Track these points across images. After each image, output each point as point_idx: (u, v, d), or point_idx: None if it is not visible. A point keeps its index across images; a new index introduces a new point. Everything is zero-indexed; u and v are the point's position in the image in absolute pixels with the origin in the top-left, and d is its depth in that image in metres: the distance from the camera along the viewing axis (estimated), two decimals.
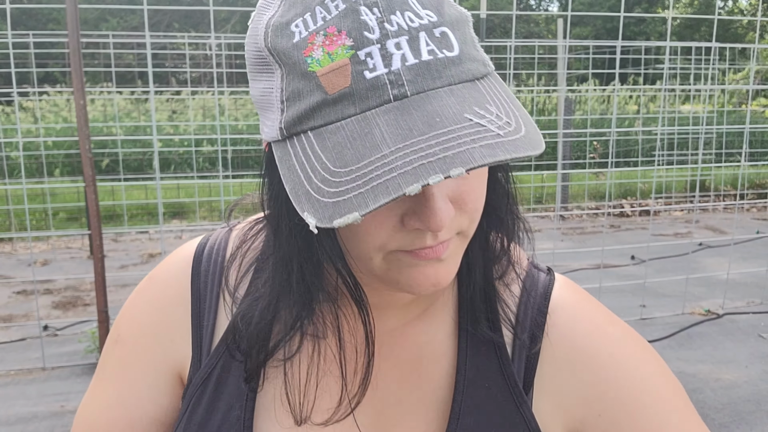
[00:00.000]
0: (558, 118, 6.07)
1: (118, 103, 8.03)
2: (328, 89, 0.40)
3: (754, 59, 4.44)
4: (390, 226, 0.44)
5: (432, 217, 0.41)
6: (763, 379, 2.81)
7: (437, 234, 0.44)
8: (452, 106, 0.39)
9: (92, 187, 2.74)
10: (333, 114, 0.40)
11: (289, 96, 0.42)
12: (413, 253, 0.45)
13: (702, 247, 5.20)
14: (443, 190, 0.43)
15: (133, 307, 0.60)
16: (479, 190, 0.46)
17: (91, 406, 0.60)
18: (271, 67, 0.43)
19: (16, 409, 2.61)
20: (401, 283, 0.47)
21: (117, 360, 0.59)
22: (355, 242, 0.45)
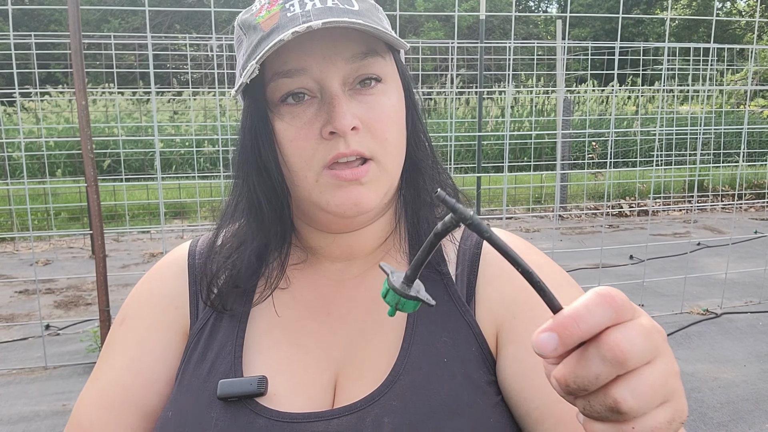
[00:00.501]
0: (557, 118, 6.09)
1: (120, 103, 8.04)
2: (264, 28, 0.58)
3: (752, 60, 4.46)
4: (313, 138, 0.58)
5: (337, 117, 0.56)
6: (761, 378, 2.83)
7: (347, 140, 0.57)
8: (338, 21, 0.55)
9: (94, 187, 2.76)
10: (266, 42, 0.57)
11: (245, 49, 0.60)
12: (336, 174, 0.58)
13: (700, 247, 5.21)
14: (350, 106, 0.57)
15: (137, 292, 0.69)
16: (386, 122, 0.59)
17: (101, 380, 0.64)
18: (242, 39, 0.62)
19: (18, 408, 2.63)
20: (330, 205, 0.59)
21: (127, 333, 0.66)
22: (290, 156, 0.59)
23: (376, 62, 0.60)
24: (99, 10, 14.73)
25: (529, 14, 10.11)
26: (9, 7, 3.03)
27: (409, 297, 0.39)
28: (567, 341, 0.33)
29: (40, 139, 4.88)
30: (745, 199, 7.21)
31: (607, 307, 0.33)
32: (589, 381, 0.33)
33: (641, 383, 0.34)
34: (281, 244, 0.66)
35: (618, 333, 0.33)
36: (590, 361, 0.33)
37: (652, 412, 0.34)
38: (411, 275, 0.40)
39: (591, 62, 9.24)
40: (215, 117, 7.27)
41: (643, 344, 0.33)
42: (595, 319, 0.33)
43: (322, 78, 0.58)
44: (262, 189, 0.62)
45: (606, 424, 0.34)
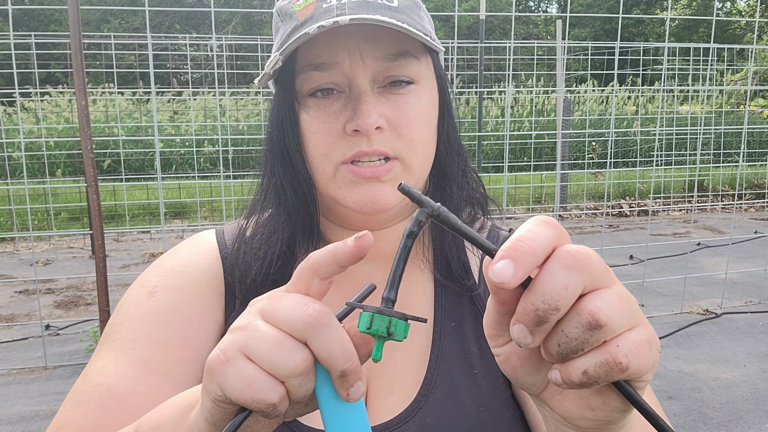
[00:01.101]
0: (557, 118, 6.09)
1: (120, 103, 8.04)
2: (299, 17, 0.58)
3: (752, 60, 4.46)
4: (335, 133, 0.58)
5: (362, 116, 0.55)
6: (761, 378, 2.82)
7: (371, 139, 0.56)
8: (367, 18, 0.53)
9: (94, 187, 2.76)
10: (299, 32, 0.56)
11: (280, 37, 0.60)
12: (355, 170, 0.57)
13: (700, 247, 5.21)
14: (377, 105, 0.57)
15: (165, 267, 0.65)
16: (414, 122, 0.58)
17: (136, 350, 0.58)
18: (279, 26, 0.62)
19: (18, 407, 2.63)
20: (347, 200, 0.59)
21: (162, 303, 0.61)
22: (310, 148, 0.59)
23: (409, 64, 0.58)
24: (99, 10, 14.73)
25: (529, 14, 10.13)
26: (9, 7, 3.03)
27: (399, 316, 0.35)
28: (521, 261, 0.32)
29: (40, 139, 4.88)
30: (745, 199, 7.21)
31: (549, 226, 0.34)
32: (557, 293, 0.32)
33: (609, 294, 0.33)
34: (310, 236, 0.64)
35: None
36: (554, 273, 0.33)
37: (630, 330, 0.33)
38: (391, 294, 0.35)
39: (591, 62, 9.24)
40: (215, 117, 7.27)
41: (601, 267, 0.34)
42: (541, 236, 0.33)
43: (351, 73, 0.57)
44: (287, 179, 0.62)
45: (590, 354, 0.33)
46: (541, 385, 0.39)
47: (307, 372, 0.35)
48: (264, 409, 0.35)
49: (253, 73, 8.54)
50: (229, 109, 7.47)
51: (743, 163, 7.10)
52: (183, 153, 7.84)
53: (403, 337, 0.35)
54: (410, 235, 0.36)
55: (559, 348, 0.33)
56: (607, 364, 0.33)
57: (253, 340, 0.35)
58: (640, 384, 0.35)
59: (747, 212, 7.03)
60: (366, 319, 0.35)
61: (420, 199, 0.35)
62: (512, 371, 0.40)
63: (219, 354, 0.36)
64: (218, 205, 6.18)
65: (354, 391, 0.36)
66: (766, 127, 9.01)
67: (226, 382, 0.35)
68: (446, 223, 0.35)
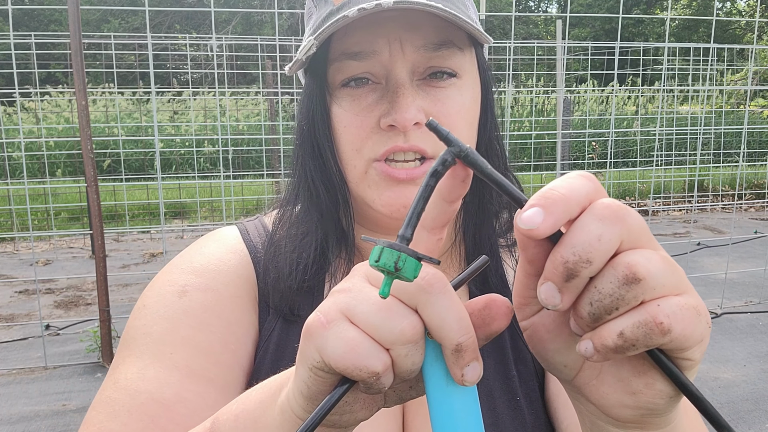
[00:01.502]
0: (557, 118, 6.09)
1: (120, 103, 8.05)
2: (335, 1, 0.53)
3: (752, 60, 4.46)
4: (368, 128, 0.53)
5: (399, 110, 0.51)
6: (761, 378, 2.82)
7: (408, 134, 0.52)
8: (413, 2, 0.49)
9: (94, 187, 2.76)
10: (334, 17, 0.51)
11: (313, 23, 0.56)
12: (388, 171, 0.53)
13: (700, 247, 5.21)
14: (416, 99, 0.52)
15: (193, 265, 0.59)
16: (454, 118, 0.54)
17: (175, 354, 0.53)
18: (312, 12, 0.58)
19: (18, 407, 2.63)
20: (376, 203, 0.55)
21: (196, 304, 0.56)
22: (341, 143, 0.55)
23: (452, 55, 0.53)
24: (99, 10, 14.72)
25: (529, 14, 10.13)
26: (9, 7, 3.03)
27: (410, 252, 0.31)
28: (552, 209, 0.29)
29: (40, 139, 4.88)
30: (745, 199, 7.21)
31: (585, 179, 0.31)
32: (589, 243, 0.29)
33: (651, 252, 0.30)
34: (344, 238, 0.60)
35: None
36: (587, 223, 0.29)
37: (673, 295, 0.30)
38: (406, 232, 0.32)
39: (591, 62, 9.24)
40: (215, 117, 7.27)
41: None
42: (575, 187, 0.30)
43: (390, 63, 0.52)
44: (319, 176, 0.58)
45: (628, 315, 0.29)
46: (574, 366, 0.35)
47: (416, 340, 0.31)
48: (367, 379, 0.31)
49: (253, 73, 8.55)
50: (229, 109, 7.47)
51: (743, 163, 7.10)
52: (183, 153, 7.84)
53: (412, 276, 0.31)
54: (434, 174, 0.32)
55: (591, 308, 0.30)
56: (646, 325, 0.29)
57: (356, 302, 0.32)
58: (685, 362, 0.31)
59: (747, 212, 7.03)
60: (376, 252, 0.31)
61: (447, 137, 0.32)
62: (541, 347, 0.35)
63: (319, 316, 0.33)
64: (218, 205, 6.18)
65: (469, 372, 0.32)
66: (766, 127, 9.01)
67: (326, 346, 0.31)
68: (474, 165, 0.32)
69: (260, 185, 6.85)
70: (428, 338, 0.33)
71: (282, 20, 12.30)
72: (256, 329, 0.59)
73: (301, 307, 0.59)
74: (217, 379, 0.54)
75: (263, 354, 0.58)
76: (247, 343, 0.58)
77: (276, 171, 5.68)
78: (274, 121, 5.50)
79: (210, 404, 0.52)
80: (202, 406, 0.52)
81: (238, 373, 0.56)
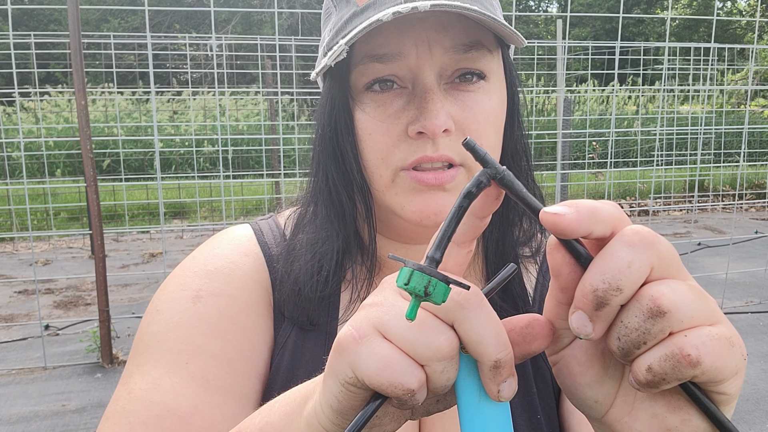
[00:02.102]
0: (557, 118, 6.09)
1: (119, 103, 8.04)
2: (359, 2, 0.51)
3: (752, 60, 4.45)
4: (395, 135, 0.51)
5: (429, 116, 0.49)
6: (761, 378, 2.82)
7: (437, 142, 0.50)
8: (449, 5, 0.47)
9: (93, 187, 2.75)
10: (360, 19, 0.50)
11: (334, 24, 0.54)
12: (417, 177, 0.51)
13: (701, 247, 5.21)
14: (445, 104, 0.50)
15: (207, 269, 0.58)
16: (483, 125, 0.52)
17: (191, 364, 0.52)
18: (330, 12, 0.55)
19: (17, 408, 2.62)
20: (405, 210, 0.52)
21: (211, 310, 0.55)
22: (366, 151, 0.53)
23: (482, 57, 0.52)
24: (99, 9, 14.72)
25: (529, 14, 10.13)
26: (9, 7, 3.02)
27: (440, 277, 0.30)
28: (580, 210, 0.29)
29: (40, 139, 4.88)
30: (746, 199, 7.21)
31: (610, 205, 0.30)
32: (619, 270, 0.28)
33: (678, 282, 0.29)
34: (364, 247, 0.58)
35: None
36: (616, 250, 0.29)
37: (704, 325, 0.29)
38: (436, 254, 0.31)
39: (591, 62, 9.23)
40: (215, 117, 7.26)
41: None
42: (600, 205, 0.30)
43: (417, 66, 0.50)
44: (341, 183, 0.55)
45: (655, 348, 0.28)
46: (606, 402, 0.33)
47: (452, 357, 0.31)
48: (401, 396, 0.30)
49: (253, 73, 8.54)
50: (229, 109, 7.47)
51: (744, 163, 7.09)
52: (183, 153, 7.83)
53: (441, 301, 0.30)
54: (467, 196, 0.32)
55: (619, 342, 0.29)
56: (673, 357, 0.28)
57: (390, 317, 0.31)
58: (720, 396, 0.29)
59: (747, 212, 7.03)
60: (405, 275, 0.30)
61: (485, 158, 0.32)
62: (571, 381, 0.34)
63: (351, 331, 0.32)
64: (218, 205, 6.17)
65: (506, 387, 0.31)
66: (766, 126, 9.00)
67: (359, 362, 0.31)
68: (509, 188, 0.32)
69: (260, 185, 6.85)
70: (461, 353, 0.32)
71: (282, 20, 12.29)
72: (272, 335, 0.58)
73: (318, 315, 0.57)
74: (233, 388, 0.53)
75: (278, 362, 0.57)
76: (263, 350, 0.57)
77: (276, 171, 5.68)
78: (273, 121, 5.50)
79: (227, 415, 0.51)
80: (219, 418, 0.51)
81: (254, 381, 0.55)
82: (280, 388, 0.54)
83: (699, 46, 6.09)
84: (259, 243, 0.60)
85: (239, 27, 15.00)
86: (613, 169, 7.10)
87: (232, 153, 7.29)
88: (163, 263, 3.32)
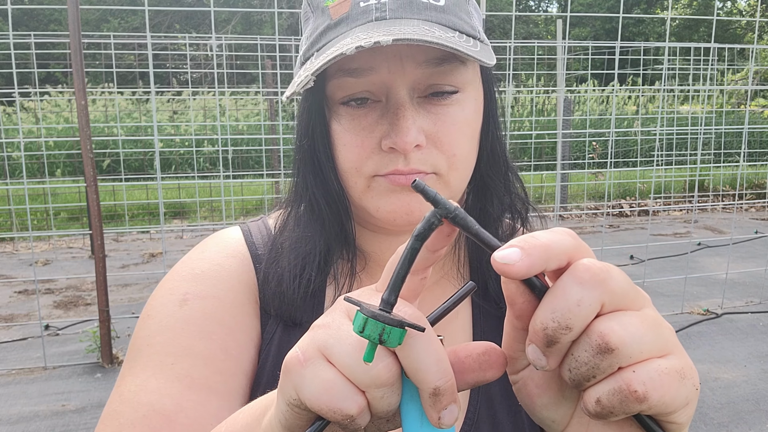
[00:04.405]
0: (557, 118, 6.09)
1: (119, 103, 8.04)
2: (333, 16, 0.52)
3: (752, 60, 4.45)
4: (369, 148, 0.53)
5: (399, 133, 0.50)
6: (761, 379, 2.82)
7: (408, 157, 0.52)
8: (417, 25, 0.49)
9: (93, 187, 2.75)
10: (332, 34, 0.52)
11: (310, 33, 0.55)
12: (390, 178, 0.52)
13: (701, 247, 5.21)
14: (416, 120, 0.51)
15: (194, 272, 0.59)
16: (456, 136, 0.53)
17: (176, 365, 0.54)
18: (308, 17, 0.57)
19: (17, 408, 2.62)
20: (380, 211, 0.54)
21: (197, 312, 0.56)
22: (341, 161, 0.54)
23: (454, 70, 0.52)
24: (99, 9, 14.72)
25: (529, 14, 10.12)
26: (9, 7, 3.02)
27: (395, 323, 0.30)
28: (530, 251, 0.29)
29: (40, 138, 4.88)
30: (746, 199, 7.21)
31: (566, 235, 0.31)
32: (568, 309, 0.29)
33: (630, 315, 0.30)
34: (345, 248, 0.60)
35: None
36: (566, 287, 0.29)
37: (654, 358, 0.29)
38: (390, 297, 0.31)
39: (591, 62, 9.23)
40: (215, 117, 7.26)
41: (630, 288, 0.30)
42: (555, 239, 0.30)
43: (389, 81, 0.51)
44: (320, 191, 0.57)
45: (604, 382, 0.29)
46: (562, 422, 0.35)
47: (392, 383, 0.31)
48: (341, 421, 0.31)
49: (253, 73, 8.54)
50: (229, 109, 7.47)
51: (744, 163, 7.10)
52: (183, 153, 7.83)
53: (396, 344, 0.31)
54: (418, 237, 0.32)
55: (570, 374, 0.30)
56: (620, 392, 0.29)
57: (334, 341, 0.32)
58: (671, 425, 0.30)
59: (747, 212, 7.03)
60: (360, 322, 0.30)
61: (435, 198, 0.32)
62: (529, 401, 0.36)
63: (297, 353, 0.32)
64: (218, 205, 6.17)
65: (447, 415, 0.31)
66: (766, 127, 9.00)
67: (302, 385, 0.31)
68: (463, 226, 0.32)
69: (260, 185, 6.85)
70: (406, 377, 0.32)
71: (282, 20, 12.29)
72: (259, 333, 0.59)
73: (303, 312, 0.59)
74: (218, 387, 0.54)
75: (264, 359, 0.58)
76: (250, 348, 0.58)
77: (276, 171, 5.68)
78: (273, 120, 5.50)
79: (212, 412, 0.52)
80: (203, 415, 0.52)
81: (240, 378, 0.56)
82: (266, 383, 0.56)
83: (699, 46, 6.09)
84: (246, 244, 0.62)
85: (239, 27, 15.00)
86: (613, 169, 7.11)
87: (232, 153, 7.29)
88: (163, 263, 3.32)
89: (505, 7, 17.64)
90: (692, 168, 7.07)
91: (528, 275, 0.30)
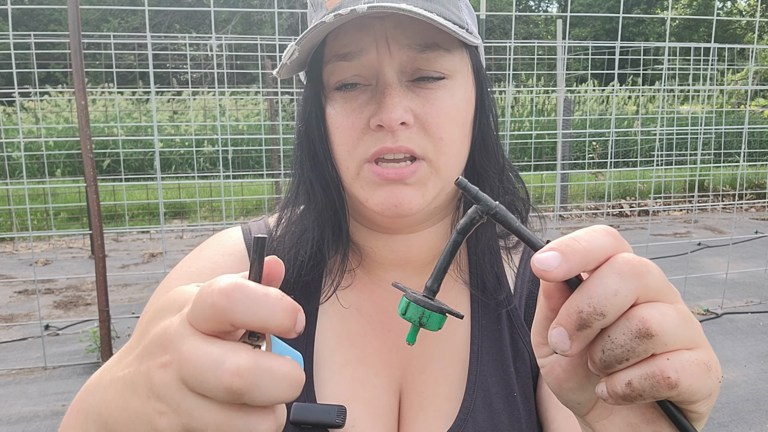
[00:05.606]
0: (557, 118, 6.09)
1: (120, 103, 8.04)
2: (328, 6, 0.55)
3: (752, 60, 4.45)
4: (359, 129, 0.54)
5: (385, 110, 0.52)
6: (761, 379, 2.82)
7: (396, 134, 0.52)
8: (400, 3, 0.49)
9: (93, 187, 2.75)
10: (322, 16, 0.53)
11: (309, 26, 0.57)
12: (379, 171, 0.53)
13: (701, 247, 5.21)
14: (403, 100, 0.52)
15: (190, 272, 0.61)
16: (443, 119, 0.54)
17: None
18: (312, 16, 0.59)
19: (17, 408, 2.62)
20: (369, 202, 0.55)
21: None
22: (334, 144, 0.56)
23: (439, 57, 0.53)
24: (99, 9, 14.72)
25: (529, 14, 10.13)
26: (9, 7, 3.02)
27: (434, 308, 0.33)
28: (569, 256, 0.30)
29: (40, 138, 4.87)
30: (746, 199, 7.20)
31: (608, 235, 0.32)
32: (605, 297, 0.30)
33: (667, 306, 0.31)
34: (338, 237, 0.61)
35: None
36: (605, 276, 0.30)
37: (684, 349, 0.31)
38: (433, 285, 0.34)
39: (591, 62, 9.24)
40: (215, 117, 7.26)
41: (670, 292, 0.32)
42: (596, 240, 0.31)
43: (378, 62, 0.53)
44: (315, 176, 0.59)
45: (637, 366, 0.30)
46: (587, 405, 0.37)
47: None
48: None
49: (253, 73, 8.54)
50: (229, 109, 7.47)
51: (744, 163, 7.10)
52: (183, 153, 7.83)
53: (437, 329, 0.34)
54: (461, 231, 0.34)
55: (603, 354, 0.31)
56: (653, 377, 0.30)
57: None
58: (692, 414, 0.32)
59: (747, 212, 7.03)
60: (403, 305, 0.34)
61: (477, 195, 0.33)
62: (556, 385, 0.37)
63: None
64: (218, 205, 6.17)
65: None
66: (766, 126, 9.00)
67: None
68: (503, 223, 0.33)
69: (260, 185, 6.85)
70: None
71: (282, 20, 12.29)
72: None
73: (299, 302, 0.59)
74: None
75: None
76: None
77: (276, 171, 5.68)
78: (273, 121, 5.50)
79: None
80: None
81: None
82: None
83: (699, 46, 6.09)
84: (245, 242, 0.64)
85: (239, 27, 15.00)
86: (613, 169, 7.10)
87: (232, 153, 7.29)
88: (163, 263, 3.32)
89: (505, 7, 17.64)
90: (692, 168, 7.07)
91: (565, 279, 0.31)
